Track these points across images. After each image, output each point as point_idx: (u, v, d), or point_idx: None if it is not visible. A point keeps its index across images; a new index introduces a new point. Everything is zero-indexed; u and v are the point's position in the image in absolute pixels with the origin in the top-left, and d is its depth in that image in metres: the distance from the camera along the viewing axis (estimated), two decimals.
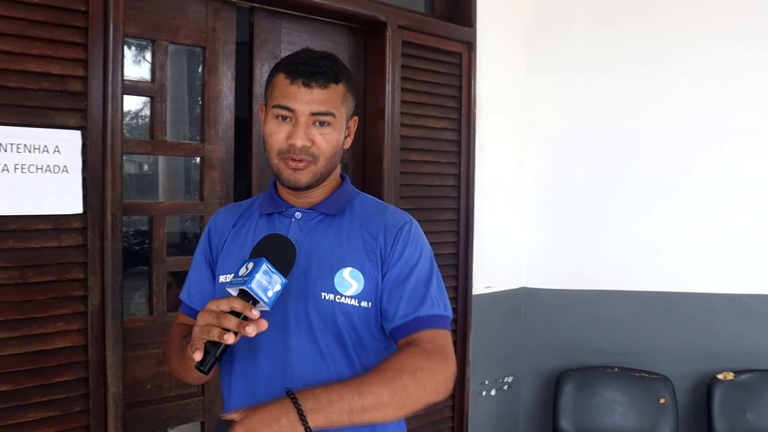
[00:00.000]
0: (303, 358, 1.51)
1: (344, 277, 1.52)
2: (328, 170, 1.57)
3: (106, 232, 2.07)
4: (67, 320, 2.04)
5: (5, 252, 1.92)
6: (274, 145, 1.53)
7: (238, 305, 1.30)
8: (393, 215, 1.61)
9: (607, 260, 3.45)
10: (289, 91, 1.50)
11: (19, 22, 1.91)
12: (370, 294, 1.53)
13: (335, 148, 1.55)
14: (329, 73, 1.51)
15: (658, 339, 3.40)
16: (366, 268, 1.53)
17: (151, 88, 2.34)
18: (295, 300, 1.51)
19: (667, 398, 3.25)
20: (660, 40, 3.34)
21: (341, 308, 1.51)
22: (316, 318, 1.51)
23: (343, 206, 1.62)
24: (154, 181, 6.07)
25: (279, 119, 1.52)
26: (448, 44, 3.08)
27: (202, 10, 2.42)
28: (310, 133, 1.51)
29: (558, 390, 3.37)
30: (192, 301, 1.69)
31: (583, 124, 3.47)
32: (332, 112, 1.51)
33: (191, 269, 1.72)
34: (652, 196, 3.39)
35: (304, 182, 1.53)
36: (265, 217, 1.63)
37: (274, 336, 1.48)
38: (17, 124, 1.93)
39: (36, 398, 1.98)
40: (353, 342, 1.53)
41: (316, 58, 1.53)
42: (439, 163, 3.09)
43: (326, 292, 1.51)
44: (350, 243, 1.56)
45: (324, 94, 1.50)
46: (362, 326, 1.53)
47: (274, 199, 1.64)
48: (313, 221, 1.60)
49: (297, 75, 1.50)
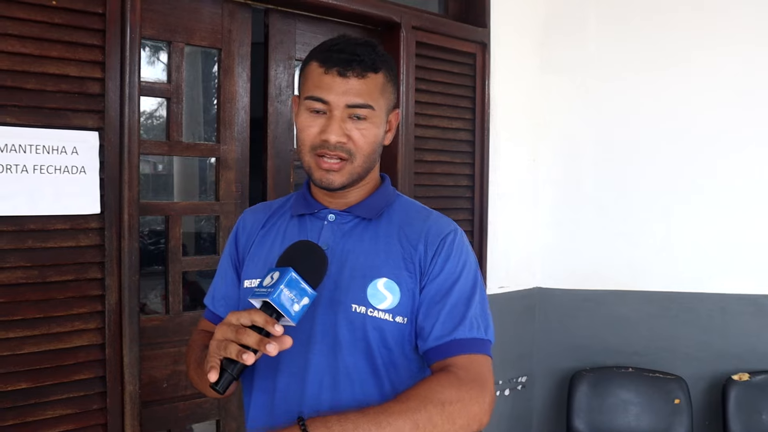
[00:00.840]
0: (325, 376, 1.37)
1: (378, 289, 1.38)
2: (366, 169, 1.43)
3: (123, 232, 2.09)
4: (85, 319, 2.06)
5: (24, 252, 1.95)
6: (306, 140, 1.40)
7: (260, 319, 1.17)
8: (436, 222, 1.46)
9: (621, 260, 3.45)
10: (323, 81, 1.37)
11: (38, 25, 1.94)
12: (405, 309, 1.38)
13: (373, 145, 1.42)
14: (367, 61, 1.37)
15: (673, 339, 3.39)
16: (403, 279, 1.39)
17: (168, 90, 2.36)
18: (322, 311, 1.38)
19: (681, 399, 3.24)
20: (676, 40, 3.33)
21: (373, 323, 1.37)
22: (344, 332, 1.37)
23: (382, 209, 1.48)
24: (169, 182, 6.12)
25: (312, 112, 1.39)
26: (462, 45, 3.09)
27: (218, 11, 2.44)
28: (346, 127, 1.37)
29: (572, 390, 3.36)
30: (216, 307, 1.58)
31: (597, 124, 3.46)
32: (370, 104, 1.38)
33: (217, 272, 1.62)
34: (667, 196, 3.38)
35: (339, 183, 1.40)
36: (297, 218, 1.51)
37: (296, 349, 1.31)
38: (36, 126, 1.95)
39: (54, 396, 2.00)
40: (384, 361, 1.39)
41: (353, 44, 1.39)
42: (453, 164, 3.10)
43: (357, 304, 1.37)
44: (387, 251, 1.42)
45: (361, 85, 1.37)
46: (395, 344, 1.39)
47: (307, 199, 1.51)
48: (348, 225, 1.46)
49: (331, 63, 1.36)
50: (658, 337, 3.40)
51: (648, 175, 3.40)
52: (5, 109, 1.90)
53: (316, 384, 1.37)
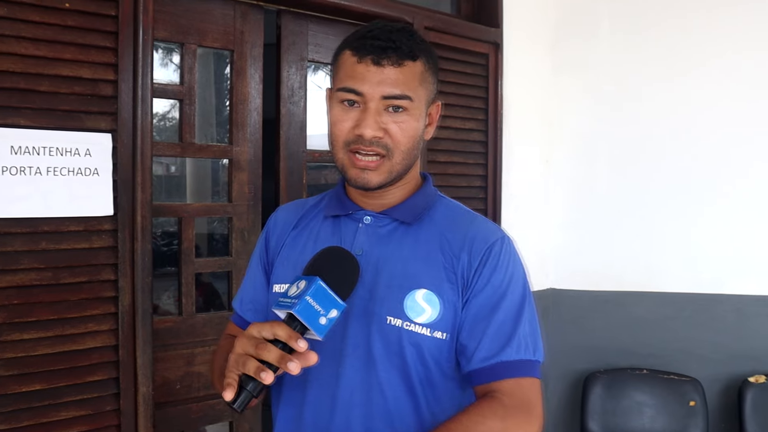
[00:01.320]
0: (356, 391, 1.28)
1: (417, 301, 1.28)
2: (405, 166, 1.33)
3: (136, 234, 2.10)
4: (99, 321, 2.06)
5: (38, 253, 1.95)
6: (339, 135, 1.30)
7: (283, 333, 1.08)
8: (481, 228, 1.35)
9: (635, 261, 3.43)
10: (357, 71, 1.26)
11: (52, 28, 1.94)
12: (446, 323, 1.28)
13: (413, 139, 1.30)
14: (404, 49, 1.26)
15: (688, 341, 3.36)
16: (444, 291, 1.28)
17: (180, 91, 2.36)
18: (355, 322, 1.29)
19: (697, 401, 3.21)
20: (689, 41, 3.31)
21: (410, 337, 1.27)
22: (378, 346, 1.28)
23: (422, 213, 1.37)
24: (182, 183, 6.12)
25: (345, 104, 1.29)
26: (475, 45, 3.08)
27: (230, 13, 2.44)
28: (382, 120, 1.26)
29: (586, 392, 3.35)
30: (244, 311, 1.50)
31: (610, 124, 3.44)
32: (408, 94, 1.27)
33: (246, 273, 1.54)
34: (681, 196, 3.35)
35: (376, 182, 1.30)
36: (331, 219, 1.41)
37: (326, 361, 1.26)
38: (50, 128, 1.96)
39: (68, 397, 2.00)
40: (420, 378, 1.29)
41: (388, 30, 1.28)
42: (466, 164, 3.09)
43: (393, 317, 1.27)
44: (427, 260, 1.31)
45: (398, 74, 1.26)
46: (433, 361, 1.29)
47: (342, 199, 1.41)
48: (385, 228, 1.36)
49: (365, 51, 1.26)
50: (674, 338, 3.38)
51: (662, 175, 3.38)
52: (19, 112, 1.91)
53: (347, 399, 1.29)
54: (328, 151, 2.75)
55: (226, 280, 2.56)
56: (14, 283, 1.91)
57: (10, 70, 1.88)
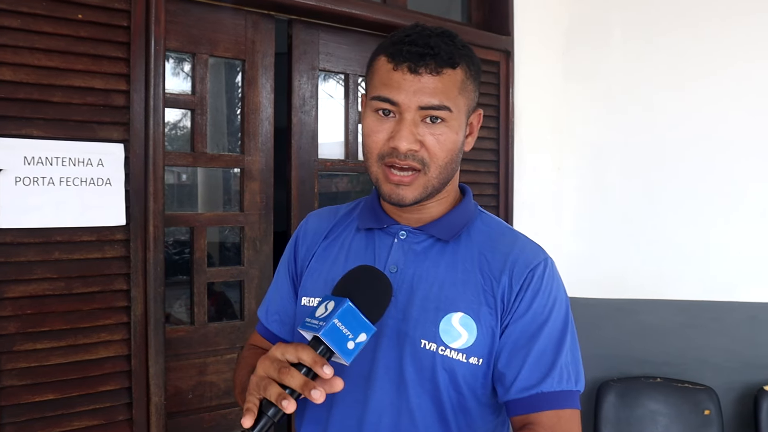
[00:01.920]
0: (385, 414, 1.23)
1: (453, 325, 1.21)
2: (442, 181, 1.25)
3: (148, 244, 2.10)
4: (111, 330, 2.07)
5: (51, 263, 1.96)
6: (372, 147, 1.23)
7: (308, 358, 1.01)
8: (523, 250, 1.28)
9: (649, 269, 3.40)
10: (392, 79, 1.19)
11: (65, 39, 1.96)
12: (483, 349, 1.22)
13: (452, 153, 1.23)
14: (443, 55, 1.19)
15: (703, 349, 3.33)
16: (482, 316, 1.22)
17: (192, 101, 2.37)
18: (387, 343, 1.23)
19: (711, 410, 3.18)
20: (701, 49, 3.29)
21: (444, 362, 1.21)
22: (410, 370, 1.22)
23: (460, 230, 1.30)
24: (193, 192, 6.14)
25: (380, 114, 1.21)
26: (486, 53, 3.07)
27: (241, 22, 2.45)
28: (419, 132, 1.19)
29: (599, 400, 3.32)
30: (269, 322, 1.44)
31: (622, 132, 3.43)
32: (446, 105, 1.19)
33: (273, 282, 1.48)
34: (694, 203, 3.33)
35: (411, 199, 1.23)
36: (364, 232, 1.34)
37: (355, 383, 1.22)
38: (62, 138, 1.97)
39: (81, 407, 2.01)
40: (453, 405, 1.23)
41: (426, 35, 1.20)
42: (477, 173, 3.08)
43: (427, 340, 1.21)
44: (465, 281, 1.25)
45: (436, 83, 1.18)
46: (467, 387, 1.23)
47: (376, 211, 1.34)
48: (421, 245, 1.29)
49: (401, 58, 1.18)
50: (688, 346, 3.35)
51: (675, 182, 3.36)
52: (32, 122, 1.92)
53: (375, 422, 1.23)
54: (339, 159, 2.76)
55: (239, 289, 2.56)
56: (27, 293, 1.92)
57: (23, 81, 1.90)
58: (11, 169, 1.88)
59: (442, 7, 3.23)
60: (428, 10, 2.92)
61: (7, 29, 1.87)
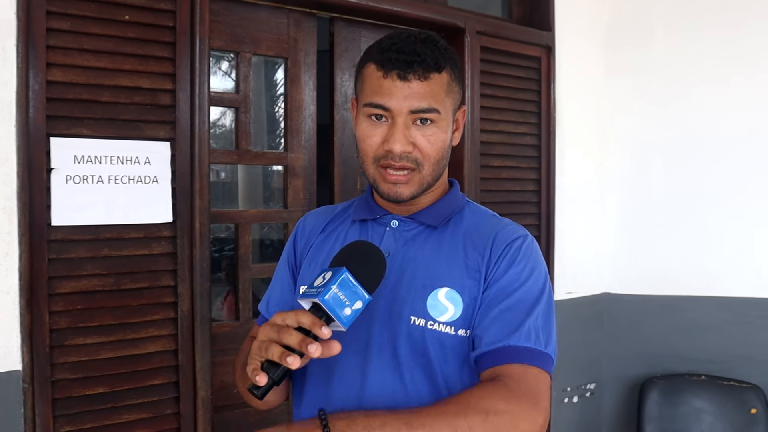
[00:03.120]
0: (383, 391, 1.28)
1: (439, 300, 1.28)
2: (435, 177, 1.34)
3: (194, 240, 2.13)
4: (159, 326, 2.10)
5: (101, 260, 2.00)
6: (368, 150, 1.31)
7: (307, 321, 1.07)
8: (505, 228, 1.36)
9: (693, 265, 3.36)
10: (383, 87, 1.26)
11: (112, 40, 1.99)
12: (469, 321, 1.28)
13: (442, 150, 1.32)
14: (429, 61, 1.26)
15: (749, 346, 3.28)
16: (467, 289, 1.29)
17: (236, 100, 2.40)
18: (380, 323, 1.29)
19: (759, 408, 3.13)
20: (745, 41, 3.24)
21: (433, 336, 1.27)
22: (403, 347, 1.28)
23: (449, 216, 1.38)
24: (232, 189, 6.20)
25: (373, 119, 1.29)
26: (527, 49, 3.06)
27: (284, 21, 2.47)
28: (411, 134, 1.27)
29: (642, 398, 3.29)
30: (270, 313, 1.49)
31: (665, 127, 3.38)
32: (435, 107, 1.27)
33: (273, 277, 1.55)
34: (739, 198, 3.28)
35: (408, 195, 1.31)
36: (358, 223, 1.43)
37: (352, 362, 1.29)
38: (111, 137, 2.01)
39: (130, 400, 2.05)
40: (446, 378, 1.28)
41: (412, 42, 1.27)
42: (519, 168, 3.07)
43: (416, 316, 1.27)
44: (450, 259, 1.32)
45: (425, 87, 1.25)
46: (458, 360, 1.28)
47: (369, 204, 1.43)
48: (411, 232, 1.37)
49: (390, 66, 1.25)
50: (733, 344, 3.30)
51: (719, 176, 3.31)
52: (82, 122, 1.96)
53: (373, 398, 1.27)
54: None
55: None
56: (78, 288, 1.96)
57: (73, 82, 1.94)
58: (62, 168, 1.93)
59: (482, 3, 3.22)
60: (468, 6, 2.91)
61: (58, 31, 1.91)
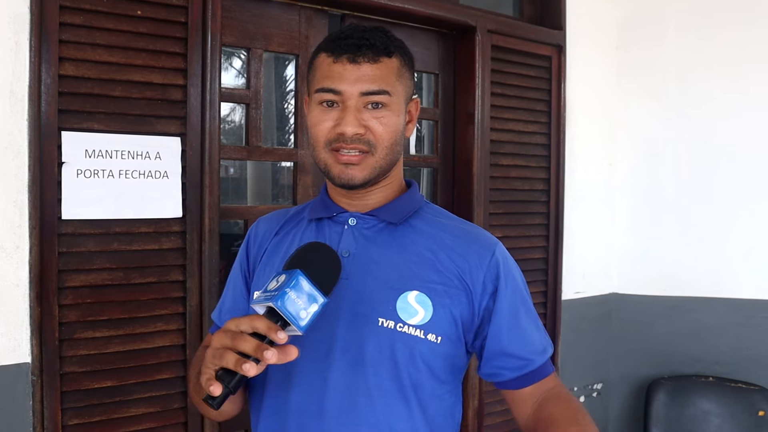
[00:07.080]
0: (345, 397, 1.24)
1: (409, 302, 1.25)
2: (389, 162, 1.30)
3: (204, 236, 2.14)
4: (167, 320, 2.11)
5: (110, 254, 2.01)
6: (319, 135, 1.27)
7: (262, 326, 1.03)
8: (478, 238, 1.34)
9: (702, 266, 3.35)
10: (334, 71, 1.25)
11: (124, 35, 2.00)
12: (440, 327, 1.26)
13: (395, 134, 1.28)
14: (379, 45, 1.25)
15: (757, 348, 3.27)
16: (437, 294, 1.26)
17: (247, 95, 2.40)
18: (345, 325, 1.25)
19: (766, 411, 3.13)
20: (759, 41, 3.22)
21: (402, 339, 1.24)
22: (369, 350, 1.24)
23: (409, 213, 1.35)
24: (241, 185, 6.22)
25: (324, 106, 1.27)
26: (538, 48, 3.05)
27: (295, 18, 2.47)
28: (363, 117, 1.24)
29: (649, 399, 3.28)
30: (222, 322, 1.44)
31: (676, 127, 3.37)
32: (386, 90, 1.25)
33: (226, 285, 1.50)
34: (750, 199, 3.26)
35: (361, 179, 1.27)
36: (315, 223, 1.38)
37: (313, 367, 1.25)
38: (122, 132, 2.02)
39: (138, 394, 2.06)
40: (413, 383, 1.26)
41: (362, 30, 1.28)
42: (529, 168, 3.07)
43: (385, 318, 1.24)
44: (418, 261, 1.29)
45: (375, 70, 1.24)
46: (426, 365, 1.26)
47: (326, 202, 1.38)
48: (371, 230, 1.34)
49: (341, 50, 1.24)
50: (742, 346, 3.29)
51: (730, 178, 3.29)
52: (93, 116, 1.97)
53: (336, 405, 1.24)
54: None
55: None
56: (87, 282, 1.97)
57: (85, 76, 1.95)
58: (73, 162, 1.94)
59: (493, 2, 3.21)
60: (480, 5, 2.91)
61: (71, 26, 1.92)
